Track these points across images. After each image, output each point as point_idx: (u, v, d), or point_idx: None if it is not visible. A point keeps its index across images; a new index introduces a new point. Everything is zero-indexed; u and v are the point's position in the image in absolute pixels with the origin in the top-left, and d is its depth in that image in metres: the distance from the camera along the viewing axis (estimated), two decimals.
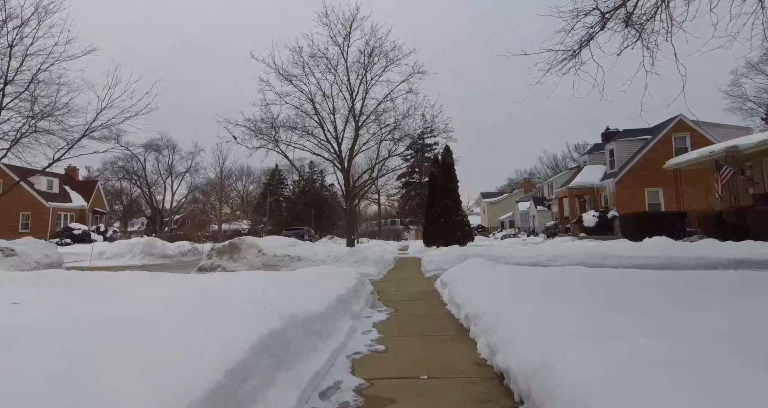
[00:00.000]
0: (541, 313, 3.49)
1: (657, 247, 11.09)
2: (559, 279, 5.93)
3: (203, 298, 3.91)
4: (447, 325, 4.84)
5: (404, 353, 3.72)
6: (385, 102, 17.87)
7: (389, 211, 68.69)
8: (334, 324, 4.10)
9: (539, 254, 11.01)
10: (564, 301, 4.11)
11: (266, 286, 4.89)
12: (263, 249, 10.97)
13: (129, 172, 58.68)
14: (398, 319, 5.32)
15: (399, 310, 5.99)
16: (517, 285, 5.60)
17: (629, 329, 2.72)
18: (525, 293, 4.83)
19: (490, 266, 7.56)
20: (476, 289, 5.31)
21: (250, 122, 15.73)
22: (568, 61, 8.72)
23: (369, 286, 7.94)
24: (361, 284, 7.12)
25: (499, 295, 4.78)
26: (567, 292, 4.82)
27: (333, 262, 11.12)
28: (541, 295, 4.66)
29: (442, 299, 6.71)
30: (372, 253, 12.80)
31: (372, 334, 4.47)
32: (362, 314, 5.56)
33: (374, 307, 6.26)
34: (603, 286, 5.25)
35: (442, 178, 19.60)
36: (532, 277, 6.20)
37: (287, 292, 4.38)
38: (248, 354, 2.18)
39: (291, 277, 5.77)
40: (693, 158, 15.60)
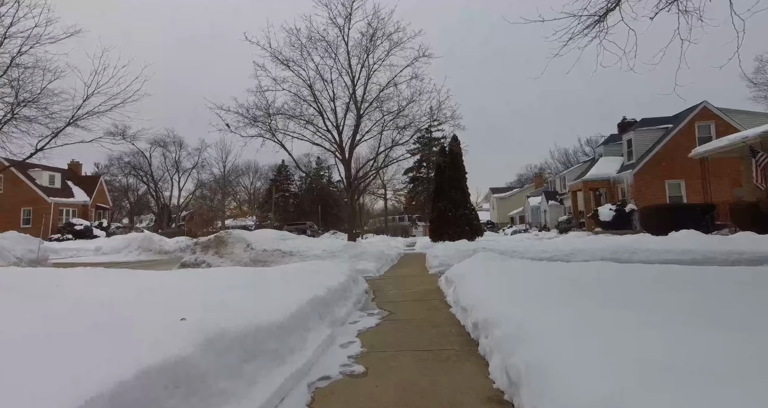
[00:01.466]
0: (582, 325, 2.47)
1: (688, 242, 9.94)
2: (590, 277, 4.88)
3: (127, 302, 2.95)
4: (450, 335, 3.83)
5: (390, 378, 2.72)
6: (389, 88, 16.80)
7: (397, 208, 67.65)
8: (301, 336, 3.11)
9: (557, 249, 9.92)
10: (608, 306, 3.08)
11: (224, 286, 3.92)
12: (252, 243, 10.03)
13: (135, 167, 58.51)
14: (391, 327, 4.32)
15: (394, 314, 4.99)
16: (539, 284, 4.56)
17: (743, 361, 1.68)
18: (551, 295, 3.79)
19: (501, 261, 6.52)
20: (487, 289, 4.29)
21: (244, 109, 14.78)
22: (591, 27, 7.64)
23: (363, 284, 6.95)
24: (352, 282, 6.13)
25: (516, 296, 3.76)
26: (607, 294, 3.77)
27: (329, 258, 10.15)
28: (573, 297, 3.62)
29: (446, 300, 5.70)
30: (372, 248, 11.81)
31: (353, 347, 3.48)
32: (348, 319, 4.57)
33: (365, 310, 5.27)
34: (648, 285, 4.19)
35: (449, 168, 18.49)
36: (554, 274, 5.15)
37: (243, 295, 3.40)
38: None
39: (263, 275, 4.80)
40: (723, 145, 14.32)
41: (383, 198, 50.02)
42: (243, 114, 14.68)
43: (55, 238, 30.16)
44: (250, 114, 14.85)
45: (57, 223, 33.43)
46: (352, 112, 17.16)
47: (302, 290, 3.97)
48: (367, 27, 16.05)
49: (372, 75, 16.94)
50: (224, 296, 3.41)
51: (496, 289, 4.26)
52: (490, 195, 69.76)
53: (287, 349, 2.73)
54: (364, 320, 4.61)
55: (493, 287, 4.42)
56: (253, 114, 15.00)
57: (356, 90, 16.68)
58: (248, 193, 72.10)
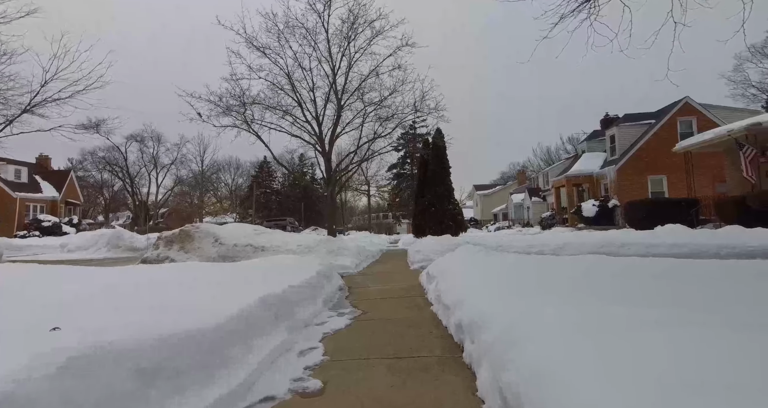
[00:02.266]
0: (587, 326, 1.93)
1: (675, 235, 9.64)
2: (585, 270, 4.39)
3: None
4: (431, 338, 3.28)
5: (352, 397, 2.16)
6: (370, 78, 16.20)
7: (381, 205, 67.09)
8: (246, 344, 2.51)
9: (543, 243, 9.51)
10: (613, 302, 2.56)
11: (162, 283, 3.29)
12: (221, 238, 9.33)
13: (110, 163, 56.61)
14: (363, 328, 3.75)
15: (368, 313, 4.42)
16: (530, 278, 4.04)
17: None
18: (544, 290, 3.27)
19: (486, 254, 6.02)
20: (471, 284, 3.76)
21: (216, 96, 13.98)
22: (583, 4, 7.20)
23: (337, 280, 6.37)
24: (323, 279, 5.54)
25: (505, 292, 3.23)
26: (608, 289, 3.26)
27: (304, 253, 9.52)
28: (570, 292, 3.10)
29: (428, 297, 5.16)
30: (351, 244, 11.22)
31: (313, 355, 2.89)
32: (314, 321, 3.98)
33: (336, 309, 4.69)
34: (651, 279, 3.72)
35: (432, 162, 17.98)
36: (546, 268, 4.65)
37: (177, 295, 2.79)
38: None
39: (217, 271, 4.17)
40: (707, 139, 14.17)
41: (366, 194, 49.40)
42: (215, 102, 13.91)
43: (20, 235, 28.68)
44: (223, 102, 14.07)
45: (23, 219, 31.84)
46: (333, 103, 16.53)
47: (257, 288, 3.36)
48: (348, 13, 15.44)
49: (353, 64, 16.34)
50: (153, 296, 2.79)
51: (481, 285, 3.73)
52: (473, 192, 69.83)
53: (219, 362, 2.13)
54: (333, 321, 4.03)
55: (478, 282, 3.89)
56: (227, 103, 14.23)
57: (336, 79, 16.05)
58: (229, 189, 70.70)
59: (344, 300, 5.42)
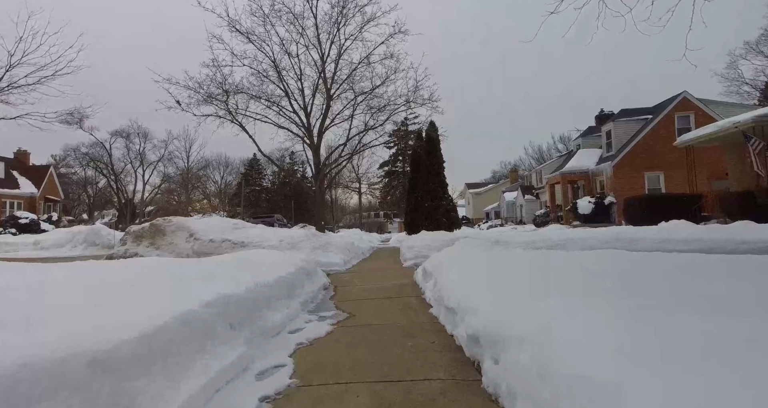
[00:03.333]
0: (655, 345, 1.23)
1: (686, 231, 9.05)
2: (607, 266, 3.70)
3: None
4: (433, 352, 2.56)
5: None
6: (361, 67, 15.43)
7: (372, 204, 66.30)
8: (179, 365, 1.76)
9: (545, 239, 8.84)
10: (661, 305, 1.86)
11: (101, 282, 2.53)
12: (196, 232, 8.52)
13: (94, 159, 55.14)
14: (347, 337, 3.01)
15: (354, 317, 3.69)
16: (550, 274, 3.33)
17: None
18: (575, 289, 2.56)
19: (490, 249, 5.32)
20: (480, 282, 3.04)
21: (195, 82, 13.09)
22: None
23: (321, 278, 5.62)
24: (304, 276, 4.79)
25: (527, 291, 2.52)
26: (644, 288, 2.56)
27: (287, 249, 8.75)
28: (603, 293, 2.39)
29: (424, 297, 4.45)
30: (340, 240, 10.48)
31: (278, 377, 2.15)
32: (287, 327, 3.23)
33: (318, 312, 3.95)
34: (687, 277, 3.04)
35: (425, 156, 17.28)
36: (560, 263, 3.95)
37: (110, 297, 2.03)
38: None
39: (167, 268, 3.40)
40: (710, 132, 13.65)
41: (358, 192, 48.63)
42: (194, 89, 13.01)
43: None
44: (203, 90, 13.19)
45: (0, 216, 30.51)
46: (321, 93, 15.74)
47: (209, 288, 2.61)
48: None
49: (343, 53, 15.56)
50: (86, 298, 2.04)
51: (494, 283, 3.01)
52: (465, 190, 69.34)
53: (127, 395, 1.39)
54: (312, 327, 3.29)
55: (490, 280, 3.17)
56: (208, 90, 13.36)
57: (326, 68, 15.25)
58: (218, 187, 69.45)
59: (328, 301, 4.68)
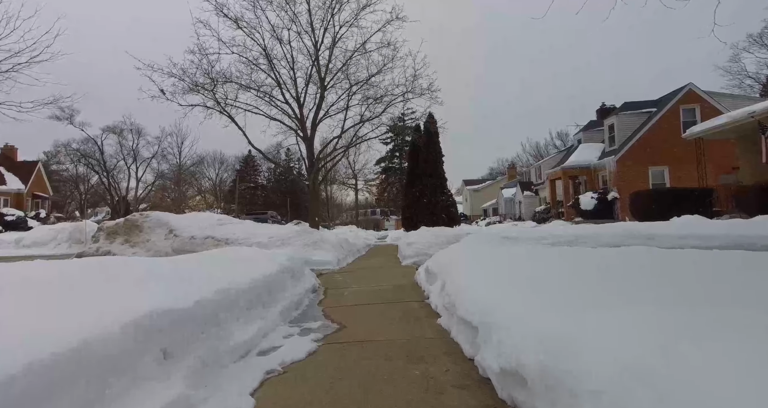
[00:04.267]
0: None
1: (705, 226, 8.38)
2: (658, 265, 3.02)
3: None
4: (449, 390, 1.86)
5: None
6: (357, 56, 14.66)
7: (369, 201, 65.55)
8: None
9: (555, 235, 8.14)
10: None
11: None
12: (176, 229, 7.78)
13: (86, 155, 54.15)
14: (333, 362, 2.30)
15: (346, 329, 2.99)
16: (593, 276, 2.64)
17: None
18: (634, 295, 1.86)
19: (505, 245, 4.62)
20: (505, 284, 2.35)
21: (179, 69, 12.26)
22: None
23: (309, 280, 4.92)
24: (288, 278, 4.09)
25: (575, 300, 1.83)
26: (704, 293, 1.87)
27: (276, 246, 8.05)
28: (681, 299, 1.70)
29: (429, 302, 3.76)
30: (333, 236, 9.77)
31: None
32: (257, 346, 2.52)
33: (301, 322, 3.25)
34: (740, 276, 2.36)
35: (424, 150, 16.57)
36: (598, 262, 3.27)
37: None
38: None
39: (110, 265, 2.68)
40: (723, 123, 13.00)
41: (354, 188, 47.88)
42: (178, 76, 12.20)
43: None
44: (188, 77, 12.38)
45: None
46: (315, 83, 14.96)
47: (142, 299, 1.89)
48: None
49: (338, 41, 14.77)
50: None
51: (524, 286, 2.32)
52: (463, 187, 68.71)
53: None
54: (291, 345, 2.58)
55: (518, 282, 2.47)
56: (193, 79, 12.55)
57: (319, 56, 14.46)
58: (214, 184, 68.56)
59: (316, 306, 3.98)
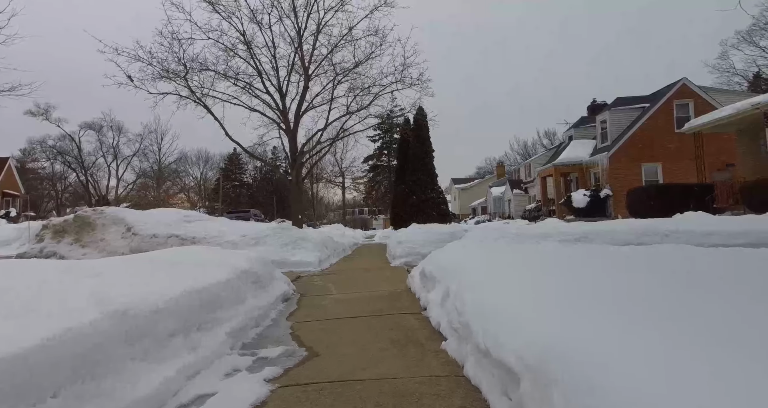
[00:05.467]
0: None
1: (730, 223, 7.74)
2: (717, 268, 2.26)
3: None
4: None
5: None
6: (342, 44, 13.78)
7: (357, 200, 64.65)
8: None
9: (561, 232, 7.41)
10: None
11: None
12: (135, 226, 6.84)
13: (62, 152, 52.18)
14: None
15: (317, 360, 2.15)
16: (656, 284, 1.84)
17: None
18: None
19: (517, 243, 3.83)
20: (553, 299, 1.55)
21: (146, 52, 11.21)
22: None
23: (282, 285, 4.06)
24: (249, 285, 3.23)
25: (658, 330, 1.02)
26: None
27: (250, 246, 7.16)
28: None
29: (426, 316, 2.94)
30: (315, 234, 8.90)
31: None
32: (178, 394, 1.66)
33: (258, 346, 2.40)
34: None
35: (413, 144, 15.77)
36: (641, 265, 2.49)
37: None
38: None
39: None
40: (724, 116, 12.47)
41: (341, 186, 46.92)
42: (147, 61, 11.16)
43: None
44: (157, 61, 11.34)
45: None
46: (298, 72, 14.05)
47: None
48: None
49: (323, 28, 13.87)
50: None
51: (585, 305, 1.51)
52: (451, 186, 68.18)
53: None
54: (226, 394, 1.72)
55: (586, 294, 1.66)
56: (164, 65, 11.53)
57: (303, 42, 13.55)
58: (198, 183, 66.91)
59: (283, 322, 3.13)
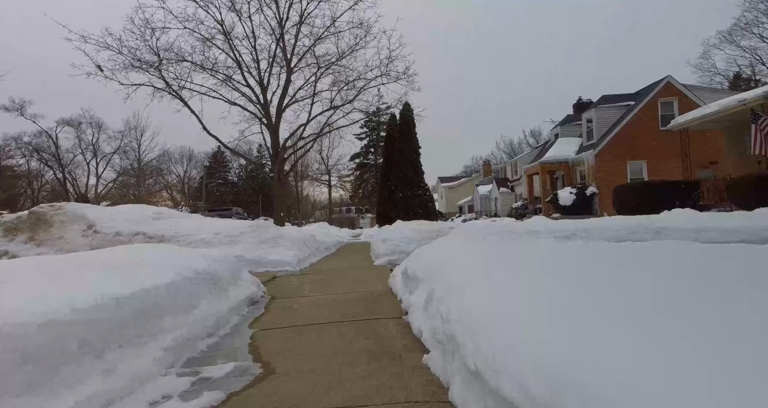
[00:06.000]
0: None
1: (727, 220, 7.55)
2: (712, 266, 1.94)
3: None
4: None
5: None
6: (326, 36, 13.33)
7: (344, 199, 64.10)
8: None
9: (551, 228, 7.09)
10: None
11: None
12: (97, 223, 6.33)
13: (38, 149, 50.56)
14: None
15: (271, 381, 1.76)
16: (675, 290, 1.49)
17: None
18: None
19: (509, 240, 3.52)
20: (570, 303, 1.20)
21: (115, 39, 10.60)
22: None
23: (249, 288, 3.65)
24: (204, 289, 2.82)
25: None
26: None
27: (224, 244, 6.71)
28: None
29: (408, 322, 2.58)
30: (296, 232, 8.47)
31: None
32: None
33: (204, 363, 2.01)
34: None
35: (400, 140, 15.41)
36: (652, 263, 2.17)
37: None
38: None
39: None
40: (711, 112, 12.39)
41: (327, 184, 46.36)
42: (116, 49, 10.56)
43: None
44: (127, 49, 10.74)
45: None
46: (279, 64, 13.57)
47: None
48: None
49: (305, 19, 13.41)
50: None
51: (602, 316, 1.15)
52: (438, 184, 68.09)
53: None
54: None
55: (587, 299, 1.31)
56: (136, 54, 10.93)
57: (284, 33, 13.07)
58: (182, 181, 65.53)
59: (244, 330, 2.73)
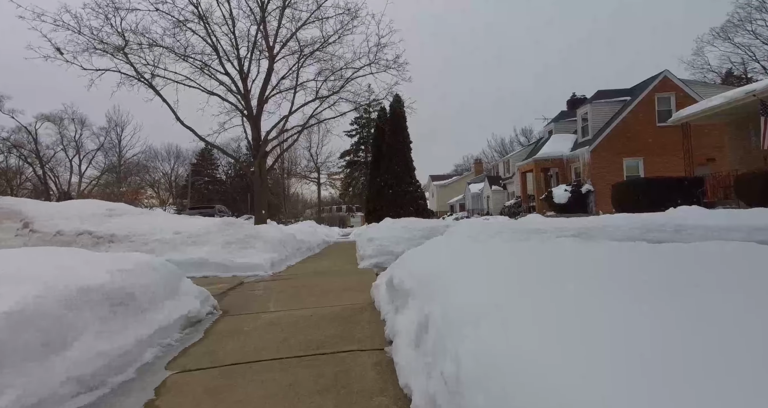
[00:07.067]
0: None
1: (755, 217, 6.89)
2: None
3: None
4: None
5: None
6: (310, 22, 12.46)
7: (335, 198, 63.18)
8: None
9: (556, 227, 6.39)
10: None
11: None
12: (35, 221, 5.45)
13: (17, 146, 48.85)
14: None
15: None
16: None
17: None
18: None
19: (514, 240, 2.88)
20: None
21: (72, 16, 9.59)
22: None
23: (190, 303, 2.83)
24: (85, 312, 2.00)
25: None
26: None
27: (186, 245, 5.86)
28: None
29: (393, 359, 1.80)
30: (273, 231, 7.62)
31: None
32: None
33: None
34: None
35: (389, 134, 14.60)
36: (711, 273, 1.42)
37: None
38: None
39: None
40: (716, 104, 11.79)
41: (316, 182, 45.40)
42: (75, 29, 9.57)
43: None
44: (85, 27, 9.74)
45: None
46: (261, 51, 12.67)
47: None
48: None
49: (289, 1, 12.52)
50: None
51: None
52: (429, 183, 67.42)
53: None
54: None
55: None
56: (97, 35, 9.96)
57: (266, 17, 12.17)
58: (168, 179, 64.02)
59: (154, 374, 1.91)
